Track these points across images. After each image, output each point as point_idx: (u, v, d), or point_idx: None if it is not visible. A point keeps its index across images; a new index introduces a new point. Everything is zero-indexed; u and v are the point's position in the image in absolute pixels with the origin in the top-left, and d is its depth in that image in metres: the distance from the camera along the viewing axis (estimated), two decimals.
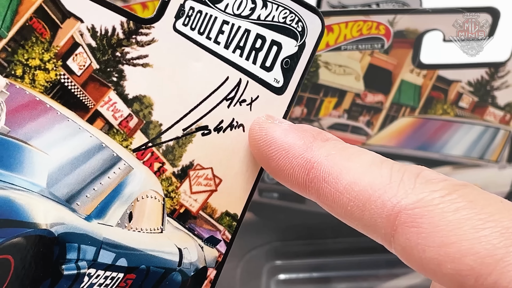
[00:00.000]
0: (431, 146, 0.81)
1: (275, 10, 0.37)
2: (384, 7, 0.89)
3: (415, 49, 0.76)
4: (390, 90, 0.79)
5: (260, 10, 0.37)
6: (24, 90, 0.33)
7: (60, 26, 0.35)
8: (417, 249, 0.29)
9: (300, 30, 0.38)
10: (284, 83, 0.38)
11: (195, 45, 0.36)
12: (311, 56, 0.39)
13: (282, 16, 0.37)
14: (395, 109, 0.79)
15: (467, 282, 0.28)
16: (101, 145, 0.35)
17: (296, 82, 0.39)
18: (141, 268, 0.36)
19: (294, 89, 0.39)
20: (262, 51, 0.38)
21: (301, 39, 0.38)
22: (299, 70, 0.39)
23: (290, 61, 0.38)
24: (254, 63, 0.38)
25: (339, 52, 0.75)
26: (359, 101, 0.78)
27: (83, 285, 0.33)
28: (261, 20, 0.37)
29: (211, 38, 0.37)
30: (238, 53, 0.37)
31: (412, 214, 0.30)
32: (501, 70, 0.78)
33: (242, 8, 0.37)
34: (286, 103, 0.39)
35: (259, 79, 0.38)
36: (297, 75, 0.39)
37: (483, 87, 0.79)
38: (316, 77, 0.76)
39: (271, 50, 0.38)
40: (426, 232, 0.29)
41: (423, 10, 0.79)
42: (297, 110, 0.77)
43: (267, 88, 0.38)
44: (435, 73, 0.78)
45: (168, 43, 0.36)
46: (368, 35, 0.75)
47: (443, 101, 0.79)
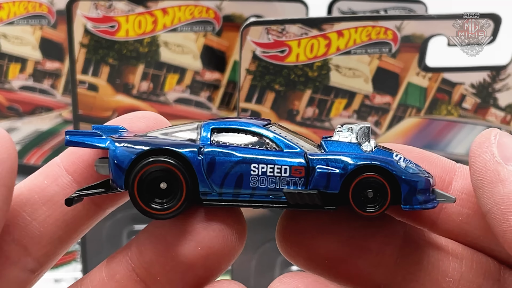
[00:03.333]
0: (436, 145, 0.82)
1: None
2: (392, 14, 0.92)
3: (421, 53, 0.78)
4: (397, 92, 0.80)
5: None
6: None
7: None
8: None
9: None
10: None
11: None
12: None
13: None
14: (402, 110, 0.81)
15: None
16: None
17: None
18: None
19: None
20: None
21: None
22: None
23: None
24: None
25: (349, 55, 0.77)
26: (368, 102, 0.80)
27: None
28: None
29: None
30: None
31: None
32: (502, 73, 0.79)
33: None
34: None
35: None
36: None
37: (485, 89, 0.80)
38: (327, 79, 0.78)
39: None
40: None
41: (428, 16, 0.81)
42: (309, 110, 0.79)
43: None
44: (440, 76, 0.79)
45: None
46: (377, 39, 0.77)
47: (447, 103, 0.81)
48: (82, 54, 0.83)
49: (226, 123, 0.41)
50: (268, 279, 0.86)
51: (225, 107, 0.89)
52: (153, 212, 0.39)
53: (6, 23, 0.93)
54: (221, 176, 0.39)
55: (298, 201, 0.39)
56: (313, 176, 0.39)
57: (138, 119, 0.43)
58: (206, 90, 0.88)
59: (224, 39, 0.87)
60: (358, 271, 0.42)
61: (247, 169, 0.39)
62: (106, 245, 0.90)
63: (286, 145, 0.40)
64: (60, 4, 0.92)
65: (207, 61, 0.87)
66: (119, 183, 0.38)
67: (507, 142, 0.39)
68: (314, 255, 0.42)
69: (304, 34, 0.75)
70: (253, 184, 0.39)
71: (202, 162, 0.39)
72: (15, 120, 0.98)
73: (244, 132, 0.40)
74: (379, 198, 0.39)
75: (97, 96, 0.85)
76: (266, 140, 0.40)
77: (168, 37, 0.84)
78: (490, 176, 0.38)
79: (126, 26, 0.82)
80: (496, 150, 0.39)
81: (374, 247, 0.42)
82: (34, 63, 0.95)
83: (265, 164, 0.39)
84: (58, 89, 0.97)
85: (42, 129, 0.98)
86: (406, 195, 0.39)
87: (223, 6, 0.85)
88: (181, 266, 0.39)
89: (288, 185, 0.39)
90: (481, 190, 0.39)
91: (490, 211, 0.38)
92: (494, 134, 0.39)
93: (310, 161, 0.39)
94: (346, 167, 0.38)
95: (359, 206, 0.39)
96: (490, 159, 0.38)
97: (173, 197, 0.39)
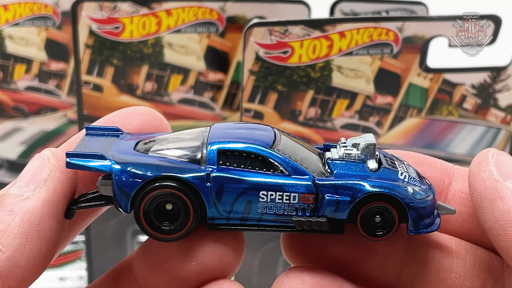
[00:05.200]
0: (436, 145, 0.83)
1: None
2: (393, 15, 0.92)
3: (422, 54, 0.79)
4: (399, 92, 0.80)
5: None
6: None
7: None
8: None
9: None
10: None
11: None
12: None
13: None
14: (403, 110, 0.81)
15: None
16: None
17: None
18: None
19: None
20: None
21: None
22: None
23: None
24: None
25: (351, 56, 0.78)
26: (369, 102, 0.80)
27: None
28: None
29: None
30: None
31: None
32: (503, 74, 0.79)
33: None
34: None
35: None
36: None
37: (485, 90, 0.80)
38: (330, 80, 0.78)
39: None
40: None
41: (429, 17, 0.82)
42: (312, 111, 0.80)
43: None
44: (441, 77, 0.80)
45: None
46: (378, 40, 0.77)
47: (448, 103, 0.81)
48: (87, 55, 0.84)
49: (232, 142, 0.39)
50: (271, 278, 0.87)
51: (228, 107, 0.90)
52: (159, 235, 0.38)
53: (12, 24, 0.94)
54: (229, 202, 0.38)
55: (306, 227, 0.39)
56: (322, 204, 0.39)
57: (131, 116, 0.43)
58: (209, 91, 0.89)
59: (228, 40, 0.87)
60: (365, 273, 0.42)
61: (255, 196, 0.38)
62: (110, 244, 0.91)
63: (293, 169, 0.39)
64: (65, 6, 0.93)
65: (211, 62, 0.87)
66: (124, 207, 0.38)
67: (505, 160, 0.40)
68: (321, 260, 0.42)
69: (306, 35, 0.76)
70: (261, 210, 0.38)
71: (210, 189, 0.38)
72: (20, 120, 0.98)
73: (252, 154, 0.39)
74: (386, 223, 0.39)
75: (101, 97, 0.86)
76: (273, 163, 0.39)
77: (172, 38, 0.85)
78: (489, 194, 0.39)
79: (131, 27, 0.83)
80: (494, 168, 0.39)
81: (380, 249, 0.42)
82: (39, 64, 0.96)
83: (274, 191, 0.38)
84: (63, 90, 0.97)
85: (47, 129, 0.99)
86: (413, 221, 0.39)
87: (227, 7, 0.86)
88: (177, 280, 0.39)
89: (297, 211, 0.39)
90: (481, 208, 0.39)
91: (492, 228, 0.38)
92: (492, 153, 0.40)
93: (319, 188, 0.39)
94: (355, 195, 0.38)
95: (367, 231, 0.39)
96: (488, 177, 0.39)
97: (179, 220, 0.38)
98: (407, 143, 0.82)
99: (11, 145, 0.99)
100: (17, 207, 0.36)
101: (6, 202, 0.36)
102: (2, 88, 0.97)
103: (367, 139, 0.41)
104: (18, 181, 0.38)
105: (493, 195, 0.38)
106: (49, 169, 0.37)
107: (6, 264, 0.35)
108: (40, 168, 0.38)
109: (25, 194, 0.37)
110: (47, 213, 0.36)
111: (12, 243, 0.35)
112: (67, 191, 0.38)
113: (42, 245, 0.36)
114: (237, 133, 0.41)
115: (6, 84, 0.97)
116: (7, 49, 0.95)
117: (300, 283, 0.39)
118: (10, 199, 0.36)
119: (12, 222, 0.35)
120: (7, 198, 0.36)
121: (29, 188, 0.37)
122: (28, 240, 0.35)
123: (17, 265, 0.35)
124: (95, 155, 0.38)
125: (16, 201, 0.36)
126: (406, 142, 0.82)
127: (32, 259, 0.36)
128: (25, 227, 0.35)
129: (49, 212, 0.36)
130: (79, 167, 0.38)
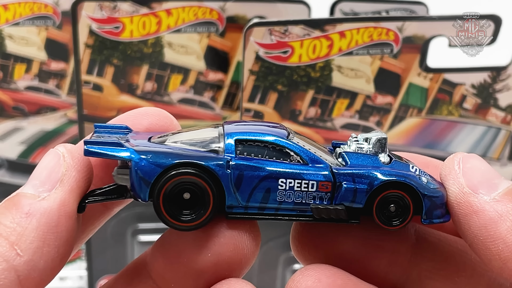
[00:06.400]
0: (437, 145, 0.83)
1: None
2: (393, 15, 0.92)
3: (422, 54, 0.79)
4: (399, 92, 0.80)
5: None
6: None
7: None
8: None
9: None
10: None
11: None
12: None
13: None
14: (403, 110, 0.81)
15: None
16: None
17: None
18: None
19: None
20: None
21: None
22: None
23: None
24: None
25: (351, 56, 0.78)
26: (369, 102, 0.80)
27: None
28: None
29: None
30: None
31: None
32: (503, 74, 0.79)
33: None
34: None
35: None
36: None
37: (485, 90, 0.80)
38: (330, 80, 0.78)
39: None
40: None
41: (429, 17, 0.82)
42: (312, 110, 0.80)
43: None
44: (441, 77, 0.80)
45: None
46: (378, 40, 0.78)
47: (448, 103, 0.81)
48: (87, 54, 0.84)
49: (250, 133, 0.40)
50: (271, 277, 0.88)
51: (229, 107, 0.90)
52: (177, 223, 0.38)
53: (12, 24, 0.94)
54: (248, 190, 0.38)
55: (324, 215, 0.39)
56: (339, 192, 0.39)
57: (141, 116, 0.43)
58: (209, 90, 0.89)
59: (228, 40, 0.87)
60: (374, 271, 0.42)
61: (275, 184, 0.39)
62: (110, 243, 0.91)
63: (310, 159, 0.40)
64: (65, 5, 0.93)
65: (211, 61, 0.87)
66: (142, 195, 0.37)
67: (471, 168, 0.39)
68: (331, 258, 0.41)
69: (306, 35, 0.76)
70: (279, 198, 0.39)
71: (230, 176, 0.38)
72: (20, 120, 0.98)
73: (269, 144, 0.40)
74: (400, 212, 0.39)
75: (101, 96, 0.86)
76: (290, 152, 0.40)
77: (172, 38, 0.85)
78: (463, 209, 0.38)
79: (131, 27, 0.83)
80: (462, 180, 0.38)
81: (389, 247, 0.42)
82: (39, 63, 0.96)
83: (292, 179, 0.39)
84: (63, 89, 0.97)
85: (47, 128, 0.99)
86: (427, 210, 0.39)
87: (227, 7, 0.86)
88: (192, 273, 0.39)
89: (314, 200, 0.39)
90: (458, 224, 0.39)
91: (472, 243, 0.38)
92: (457, 162, 0.39)
93: (337, 176, 0.39)
94: (372, 183, 0.39)
95: (382, 220, 0.39)
96: (459, 191, 0.38)
97: (198, 209, 0.38)
98: (407, 143, 0.82)
99: (11, 145, 0.99)
100: (34, 208, 0.35)
101: (22, 202, 0.36)
102: (2, 87, 0.97)
103: (378, 134, 0.42)
104: (33, 180, 0.37)
105: (467, 210, 0.38)
106: (64, 168, 0.37)
107: (24, 268, 0.35)
108: (55, 166, 0.37)
109: (41, 194, 0.36)
110: (64, 214, 0.36)
111: (30, 247, 0.35)
112: (82, 190, 0.38)
113: (60, 247, 0.36)
114: (252, 126, 0.41)
115: (6, 84, 0.97)
116: (7, 48, 0.95)
117: (316, 282, 0.39)
118: (26, 199, 0.36)
119: (29, 225, 0.35)
120: (23, 199, 0.36)
121: (45, 188, 0.36)
122: (45, 243, 0.35)
123: (35, 269, 0.35)
124: (113, 143, 0.38)
125: (32, 202, 0.36)
126: (406, 142, 0.82)
127: (50, 261, 0.36)
128: (43, 230, 0.35)
129: (66, 213, 0.36)
130: (98, 154, 0.37)
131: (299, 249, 0.43)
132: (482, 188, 0.38)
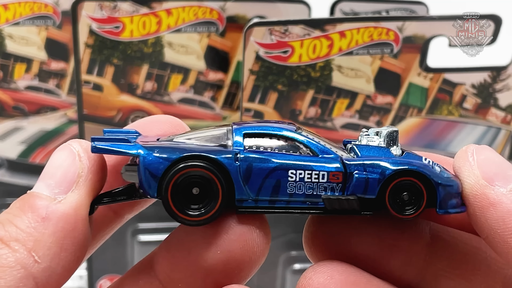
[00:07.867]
0: (437, 144, 0.83)
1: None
2: (393, 14, 0.93)
3: (422, 53, 0.79)
4: (399, 92, 0.80)
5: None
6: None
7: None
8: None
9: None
10: None
11: None
12: None
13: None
14: (403, 110, 0.81)
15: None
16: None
17: None
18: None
19: None
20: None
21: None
22: None
23: None
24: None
25: (351, 56, 0.78)
26: (369, 102, 0.80)
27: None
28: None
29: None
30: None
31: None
32: (503, 74, 0.80)
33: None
34: None
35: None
36: None
37: (485, 90, 0.80)
38: (330, 79, 0.78)
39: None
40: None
41: (430, 17, 0.82)
42: (312, 110, 0.80)
43: None
44: (441, 76, 0.80)
45: None
46: (379, 40, 0.78)
47: (448, 103, 0.81)
48: (87, 54, 0.84)
49: (258, 127, 0.39)
50: (271, 277, 0.87)
51: (229, 107, 0.90)
52: (186, 218, 0.37)
53: (12, 23, 0.94)
54: (258, 183, 0.38)
55: (336, 207, 0.38)
56: (351, 182, 0.38)
57: (153, 123, 0.42)
58: (209, 90, 0.89)
59: (228, 39, 0.87)
60: (389, 271, 0.41)
61: (284, 176, 0.38)
62: (110, 243, 0.91)
63: (320, 150, 0.39)
64: (65, 5, 0.93)
65: (211, 61, 0.87)
66: (151, 191, 0.37)
67: (486, 159, 0.38)
68: (345, 258, 0.41)
69: (306, 35, 0.76)
70: (290, 190, 0.38)
71: (239, 169, 0.37)
72: (20, 120, 0.98)
73: (277, 137, 0.39)
74: (414, 200, 0.39)
75: (101, 96, 0.86)
76: (299, 145, 0.39)
77: (172, 37, 0.85)
78: (479, 202, 0.37)
79: (131, 27, 0.83)
80: (478, 171, 0.38)
81: (404, 246, 0.41)
82: (39, 63, 0.96)
83: (302, 170, 0.38)
84: (63, 89, 0.97)
85: (47, 128, 0.99)
86: (442, 200, 0.38)
87: (227, 7, 0.86)
88: (201, 272, 0.38)
89: (326, 191, 0.38)
90: (474, 217, 0.38)
91: (488, 236, 0.37)
92: (470, 154, 0.39)
93: (348, 166, 0.38)
94: (384, 172, 0.38)
95: (395, 209, 0.39)
96: (475, 183, 0.38)
97: (207, 203, 0.37)
98: (407, 143, 0.82)
99: (11, 145, 0.99)
100: (50, 212, 0.35)
101: (38, 205, 0.35)
102: (2, 87, 0.97)
103: (389, 127, 0.41)
104: (47, 179, 0.36)
105: (484, 202, 0.37)
106: (81, 169, 0.36)
107: (43, 275, 0.34)
108: (71, 166, 0.36)
109: (57, 197, 0.35)
110: (80, 218, 0.35)
111: (48, 253, 0.34)
112: (96, 192, 0.37)
113: (76, 251, 0.35)
114: (263, 124, 0.41)
115: (6, 84, 0.97)
116: (7, 48, 0.95)
117: (329, 279, 0.38)
118: (41, 201, 0.35)
119: (46, 230, 0.34)
120: (38, 200, 0.35)
121: (61, 189, 0.36)
122: (63, 248, 0.35)
123: (53, 275, 0.34)
124: (120, 139, 0.38)
125: (48, 205, 0.35)
126: (406, 142, 0.82)
127: (67, 266, 0.35)
128: (60, 235, 0.35)
129: (82, 217, 0.36)
130: (105, 150, 0.37)
131: (312, 250, 0.42)
132: (498, 180, 0.37)
